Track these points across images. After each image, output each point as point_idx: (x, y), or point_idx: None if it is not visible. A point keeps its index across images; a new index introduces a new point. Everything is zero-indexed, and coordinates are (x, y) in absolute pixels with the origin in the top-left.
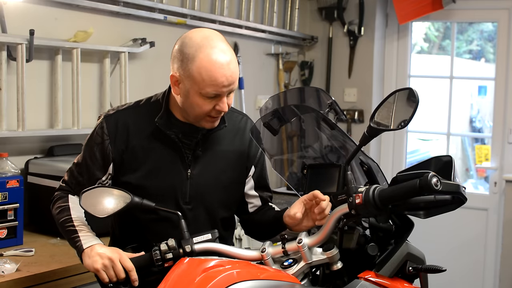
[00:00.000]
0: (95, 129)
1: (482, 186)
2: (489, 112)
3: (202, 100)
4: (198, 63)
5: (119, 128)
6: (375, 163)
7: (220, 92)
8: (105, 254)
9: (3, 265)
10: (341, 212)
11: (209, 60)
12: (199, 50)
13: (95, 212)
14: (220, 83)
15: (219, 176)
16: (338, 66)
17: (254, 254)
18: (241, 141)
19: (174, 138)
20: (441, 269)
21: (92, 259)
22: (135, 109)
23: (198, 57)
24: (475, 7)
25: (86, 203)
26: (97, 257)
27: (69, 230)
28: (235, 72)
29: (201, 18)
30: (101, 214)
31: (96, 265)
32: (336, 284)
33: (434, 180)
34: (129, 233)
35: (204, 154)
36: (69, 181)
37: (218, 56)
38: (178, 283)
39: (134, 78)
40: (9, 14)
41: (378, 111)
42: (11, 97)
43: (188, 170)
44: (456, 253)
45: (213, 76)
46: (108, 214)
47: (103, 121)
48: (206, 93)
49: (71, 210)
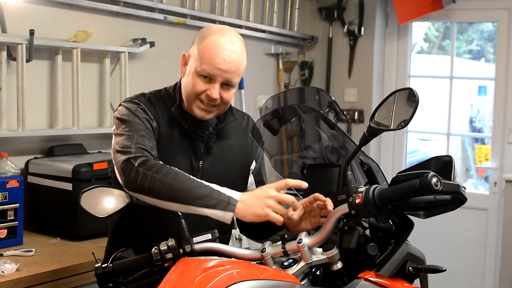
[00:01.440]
0: (131, 109)
1: (482, 186)
2: (489, 112)
3: (197, 79)
4: (206, 42)
5: (150, 108)
6: (375, 163)
7: (214, 74)
8: (260, 195)
9: (3, 265)
10: (341, 212)
11: (216, 42)
12: (212, 34)
13: (95, 212)
14: (216, 63)
15: (228, 170)
16: (338, 66)
17: (254, 254)
18: (245, 136)
19: (188, 129)
20: (441, 269)
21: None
22: (152, 98)
23: (208, 38)
24: (475, 7)
25: (86, 203)
26: (256, 201)
27: (200, 185)
28: (236, 62)
29: (201, 18)
30: (101, 214)
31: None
32: (336, 284)
33: (434, 180)
34: (129, 233)
35: (215, 147)
36: (133, 146)
37: (224, 42)
38: (178, 283)
39: (134, 78)
40: (9, 14)
41: (378, 111)
42: (11, 97)
43: (200, 162)
44: (456, 253)
45: (213, 55)
46: (108, 214)
47: (137, 101)
48: (201, 70)
49: (183, 172)
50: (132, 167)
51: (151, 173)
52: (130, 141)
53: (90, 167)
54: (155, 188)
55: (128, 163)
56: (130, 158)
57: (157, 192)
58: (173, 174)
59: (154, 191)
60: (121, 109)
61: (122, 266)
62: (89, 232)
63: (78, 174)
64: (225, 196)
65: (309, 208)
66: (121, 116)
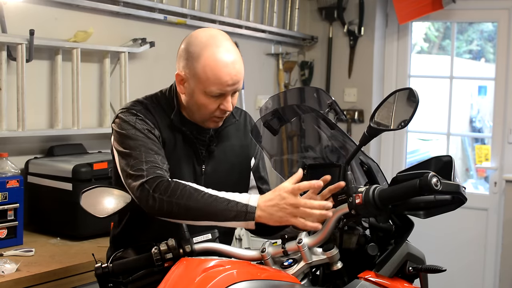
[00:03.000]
0: (130, 122)
1: (482, 186)
2: (489, 112)
3: (206, 99)
4: (203, 62)
5: (149, 116)
6: (375, 163)
7: (225, 91)
8: (279, 202)
9: (3, 265)
10: (341, 212)
11: (214, 59)
12: (205, 48)
13: (95, 212)
14: (225, 82)
15: (231, 171)
16: (338, 66)
17: (254, 254)
18: (244, 135)
19: (189, 135)
20: (441, 269)
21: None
22: (148, 105)
23: (203, 55)
24: (475, 7)
25: (86, 203)
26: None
27: (215, 200)
28: (240, 71)
29: (201, 18)
30: (101, 214)
31: (287, 217)
32: (336, 284)
33: (434, 180)
34: (129, 233)
35: (217, 150)
36: (144, 167)
37: (223, 55)
38: (178, 283)
39: (134, 78)
40: (9, 14)
41: (378, 111)
42: (11, 97)
43: (202, 166)
44: (456, 253)
45: (218, 74)
46: (108, 214)
47: (135, 111)
48: (210, 92)
49: (197, 187)
50: (148, 194)
51: (166, 197)
52: (140, 162)
53: (90, 167)
54: (174, 212)
55: (143, 189)
56: (144, 183)
57: (176, 214)
58: (187, 194)
59: (173, 214)
60: (119, 122)
61: (122, 266)
62: (89, 232)
63: (78, 174)
64: (242, 206)
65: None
66: (121, 130)
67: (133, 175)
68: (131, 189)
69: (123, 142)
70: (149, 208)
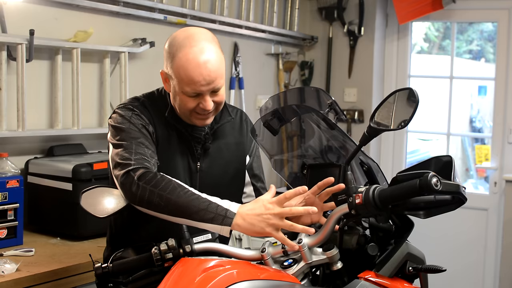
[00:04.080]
0: (126, 116)
1: (482, 186)
2: (489, 112)
3: (185, 98)
4: (177, 62)
5: (145, 113)
6: (375, 163)
7: (199, 91)
8: (261, 211)
9: (3, 265)
10: (341, 212)
11: (186, 60)
12: (179, 49)
13: (95, 212)
14: (197, 82)
15: (226, 168)
16: (338, 66)
17: (254, 254)
18: (239, 133)
19: (184, 132)
20: (441, 269)
21: (255, 222)
22: (145, 102)
23: (177, 56)
24: (475, 7)
25: (86, 203)
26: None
27: (197, 199)
28: (214, 70)
29: (201, 18)
30: (101, 214)
31: (265, 229)
32: (336, 284)
33: (434, 180)
34: (125, 233)
35: (212, 147)
36: (133, 157)
37: (195, 56)
38: (178, 283)
39: (134, 78)
40: (9, 14)
41: (378, 111)
42: (11, 97)
43: (197, 163)
44: (456, 253)
45: (190, 75)
46: (108, 214)
47: (131, 106)
48: (186, 92)
49: (181, 183)
50: (132, 181)
51: (149, 186)
52: (129, 152)
53: (90, 167)
54: (154, 202)
55: (128, 176)
56: (130, 171)
57: (156, 206)
58: (171, 187)
59: (153, 205)
60: (116, 116)
61: (122, 266)
62: (89, 232)
63: (78, 174)
64: (222, 209)
65: (311, 201)
66: (116, 124)
67: (121, 164)
68: (116, 177)
69: (116, 134)
70: (131, 195)
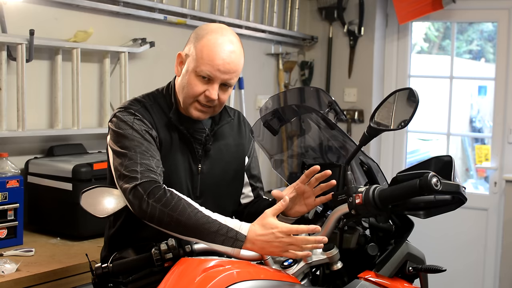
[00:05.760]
0: (128, 121)
1: (482, 186)
2: (489, 112)
3: (195, 80)
4: (204, 42)
5: (146, 116)
6: (375, 163)
7: (213, 76)
8: (270, 239)
9: (3, 265)
10: (341, 212)
11: (214, 42)
12: (210, 33)
13: (95, 212)
14: (216, 64)
15: (227, 169)
16: (338, 66)
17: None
18: (239, 134)
19: (186, 134)
20: (441, 269)
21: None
22: (146, 104)
23: (206, 37)
24: (475, 7)
25: (86, 203)
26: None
27: (207, 221)
28: (235, 63)
29: (201, 18)
30: (101, 214)
31: (279, 251)
32: (336, 284)
33: (434, 180)
34: (124, 233)
35: (213, 149)
36: (138, 169)
37: (223, 42)
38: (178, 283)
39: (134, 78)
40: (9, 14)
41: (378, 111)
42: (11, 97)
43: (198, 165)
44: (456, 253)
45: (212, 56)
46: (108, 214)
47: (132, 110)
48: (200, 71)
49: (191, 202)
50: (141, 198)
51: (159, 206)
52: (134, 163)
53: (90, 167)
54: (164, 222)
55: (136, 192)
56: (138, 186)
57: (166, 225)
58: (181, 208)
59: (163, 224)
60: (117, 121)
61: (122, 266)
62: (89, 232)
63: (78, 174)
64: (232, 232)
65: (301, 190)
66: (118, 129)
67: (127, 176)
68: (123, 190)
69: (119, 141)
70: (141, 211)
